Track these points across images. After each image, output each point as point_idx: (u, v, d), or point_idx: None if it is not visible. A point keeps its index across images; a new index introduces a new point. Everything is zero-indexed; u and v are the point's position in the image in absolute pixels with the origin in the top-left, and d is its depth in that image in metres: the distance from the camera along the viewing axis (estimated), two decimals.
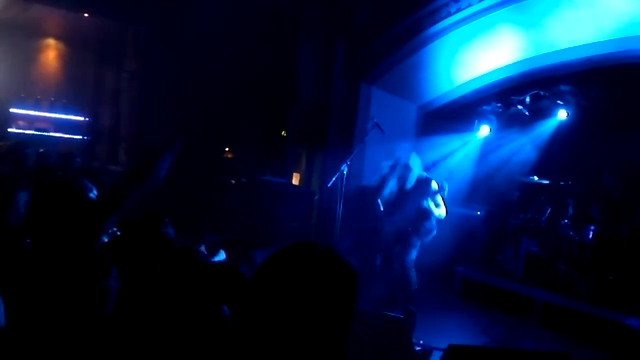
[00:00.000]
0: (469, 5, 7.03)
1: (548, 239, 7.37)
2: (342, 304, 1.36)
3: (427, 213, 5.88)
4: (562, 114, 7.60)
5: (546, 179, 7.67)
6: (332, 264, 1.38)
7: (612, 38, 6.70)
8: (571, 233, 7.06)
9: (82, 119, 11.38)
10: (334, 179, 6.21)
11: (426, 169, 6.29)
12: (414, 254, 5.97)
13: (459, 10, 7.17)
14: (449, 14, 7.29)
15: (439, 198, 5.87)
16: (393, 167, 6.18)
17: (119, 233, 3.74)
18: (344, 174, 6.18)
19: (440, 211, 5.90)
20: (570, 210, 7.18)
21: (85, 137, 11.29)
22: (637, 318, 5.69)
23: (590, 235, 7.01)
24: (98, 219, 2.81)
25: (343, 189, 6.30)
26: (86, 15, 9.84)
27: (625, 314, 5.87)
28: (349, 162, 6.21)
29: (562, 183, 7.45)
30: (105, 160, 10.79)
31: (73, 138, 11.14)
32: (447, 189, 5.85)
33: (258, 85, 9.66)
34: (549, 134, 7.84)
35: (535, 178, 7.80)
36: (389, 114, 8.40)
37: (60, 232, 2.70)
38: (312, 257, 1.38)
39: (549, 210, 7.51)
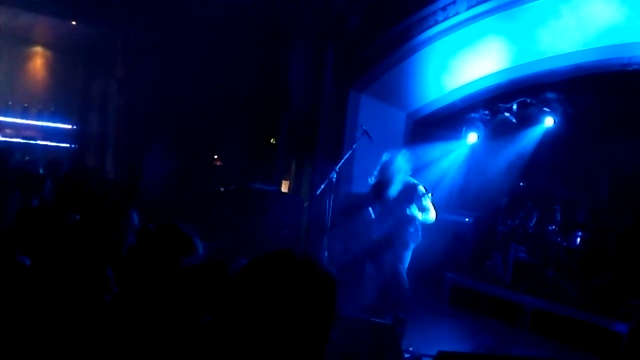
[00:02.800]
0: (457, 14, 7.09)
1: (536, 245, 7.42)
2: (319, 311, 1.37)
3: (412, 219, 5.87)
4: (548, 121, 7.67)
5: (533, 186, 7.71)
6: (309, 271, 1.39)
7: (598, 46, 6.76)
8: (559, 239, 7.10)
9: (69, 126, 11.32)
10: (323, 186, 6.23)
11: (414, 174, 6.29)
12: (407, 261, 5.95)
13: (446, 18, 7.23)
14: (437, 22, 7.35)
15: (427, 201, 5.82)
16: (384, 167, 6.02)
17: None
18: (333, 182, 6.21)
19: (428, 215, 5.86)
20: (558, 217, 7.23)
21: (73, 145, 11.23)
22: (625, 323, 5.72)
23: (578, 241, 7.07)
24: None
25: (332, 196, 6.32)
26: (74, 23, 9.81)
27: (613, 319, 5.91)
28: (337, 170, 6.24)
29: (549, 189, 7.49)
30: (93, 168, 10.73)
31: (61, 146, 11.08)
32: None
33: (247, 92, 9.68)
34: (536, 141, 7.90)
35: (522, 184, 7.86)
36: (378, 121, 8.44)
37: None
38: (288, 265, 1.39)
39: (536, 217, 7.56)
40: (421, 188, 5.82)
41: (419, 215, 5.80)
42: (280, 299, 1.34)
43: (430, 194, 5.77)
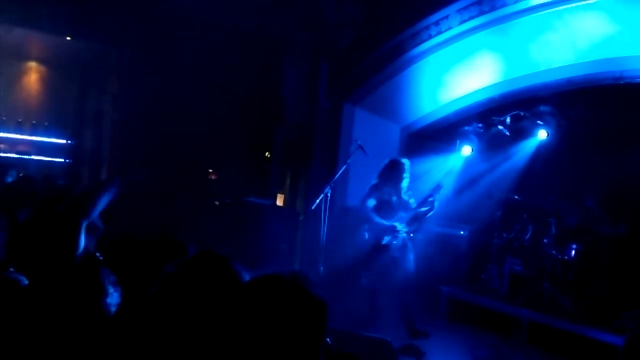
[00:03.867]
0: (449, 28, 7.16)
1: (531, 258, 7.43)
2: (307, 335, 1.37)
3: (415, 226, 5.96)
4: (542, 134, 7.71)
5: (528, 198, 7.74)
6: (298, 295, 1.40)
7: (590, 60, 6.84)
8: (554, 252, 7.12)
9: (64, 141, 11.30)
10: (317, 201, 6.26)
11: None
12: (412, 263, 6.01)
13: (439, 33, 7.29)
14: (430, 37, 7.41)
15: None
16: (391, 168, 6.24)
17: (101, 258, 3.71)
18: (328, 196, 6.23)
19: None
20: (553, 229, 7.25)
21: (68, 160, 11.20)
22: (619, 335, 5.73)
23: (573, 253, 7.08)
24: (70, 227, 2.79)
25: (327, 210, 6.34)
26: (69, 38, 9.83)
27: (608, 331, 5.92)
28: (332, 184, 6.26)
29: (544, 202, 7.52)
30: (88, 183, 10.70)
31: (55, 161, 11.05)
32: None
33: (242, 106, 9.70)
34: (529, 153, 7.94)
35: (517, 197, 7.88)
36: (373, 135, 8.47)
37: (41, 251, 2.67)
38: (277, 289, 1.39)
39: (531, 229, 7.58)
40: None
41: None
42: (270, 324, 1.35)
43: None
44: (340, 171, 6.83)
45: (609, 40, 6.38)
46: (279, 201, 9.69)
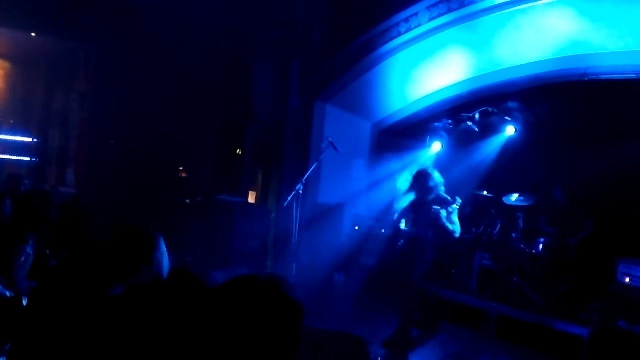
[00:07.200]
0: (419, 25, 7.22)
1: (500, 252, 7.53)
2: (282, 338, 1.38)
3: (442, 226, 5.95)
4: (510, 130, 7.82)
5: (496, 194, 7.84)
6: (274, 298, 1.40)
7: (556, 57, 6.96)
8: (522, 246, 7.23)
9: (30, 140, 11.08)
10: (289, 198, 6.25)
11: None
12: (422, 268, 6.02)
13: (409, 30, 7.35)
14: (400, 34, 7.46)
15: (453, 215, 5.95)
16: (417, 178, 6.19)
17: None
18: (299, 193, 6.24)
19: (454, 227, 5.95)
20: (521, 224, 7.36)
21: (34, 159, 10.98)
22: (585, 327, 5.85)
23: (541, 248, 7.20)
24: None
25: (299, 207, 6.35)
26: (34, 35, 9.62)
27: (575, 324, 6.04)
28: (304, 182, 6.26)
29: (511, 197, 7.62)
30: (55, 182, 10.51)
31: (21, 160, 10.82)
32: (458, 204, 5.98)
33: (213, 103, 9.62)
34: (498, 149, 8.05)
35: (485, 193, 7.97)
36: (344, 131, 8.50)
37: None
38: (253, 291, 1.39)
39: (500, 224, 7.69)
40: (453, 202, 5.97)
41: (449, 225, 5.91)
42: (245, 327, 1.34)
43: (456, 205, 5.92)
44: (312, 168, 6.83)
45: (574, 37, 6.50)
46: (251, 199, 9.65)
